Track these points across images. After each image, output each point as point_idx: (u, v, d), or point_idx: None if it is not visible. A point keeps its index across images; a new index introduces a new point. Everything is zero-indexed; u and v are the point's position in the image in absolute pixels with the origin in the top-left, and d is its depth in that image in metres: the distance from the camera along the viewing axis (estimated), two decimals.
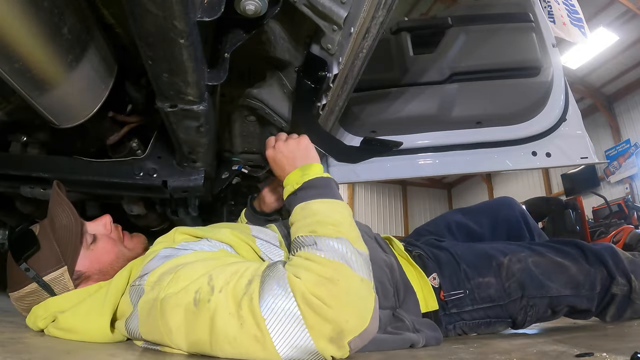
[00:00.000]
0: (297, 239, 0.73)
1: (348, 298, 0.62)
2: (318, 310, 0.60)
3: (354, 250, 0.69)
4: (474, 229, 1.29)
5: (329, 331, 0.60)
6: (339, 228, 0.71)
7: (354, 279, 0.65)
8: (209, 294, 0.63)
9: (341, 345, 0.61)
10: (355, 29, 0.87)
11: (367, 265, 0.69)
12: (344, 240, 0.69)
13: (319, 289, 0.61)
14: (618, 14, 7.51)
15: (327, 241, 0.68)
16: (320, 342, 0.60)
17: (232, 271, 0.66)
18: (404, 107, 1.82)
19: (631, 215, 6.07)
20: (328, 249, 0.67)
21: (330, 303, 0.60)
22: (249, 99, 1.24)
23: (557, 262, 1.01)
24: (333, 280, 0.62)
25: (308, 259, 0.66)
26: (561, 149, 1.79)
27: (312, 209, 0.77)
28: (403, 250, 1.02)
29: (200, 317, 0.62)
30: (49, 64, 0.71)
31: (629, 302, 1.04)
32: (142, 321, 0.68)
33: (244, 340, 0.60)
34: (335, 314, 0.60)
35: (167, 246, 0.80)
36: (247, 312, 0.60)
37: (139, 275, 0.74)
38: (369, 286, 0.67)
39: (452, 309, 0.96)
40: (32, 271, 0.78)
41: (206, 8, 0.65)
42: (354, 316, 0.62)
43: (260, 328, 0.59)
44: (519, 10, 1.92)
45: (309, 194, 0.81)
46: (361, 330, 0.62)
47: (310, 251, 0.68)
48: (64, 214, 0.82)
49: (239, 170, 1.40)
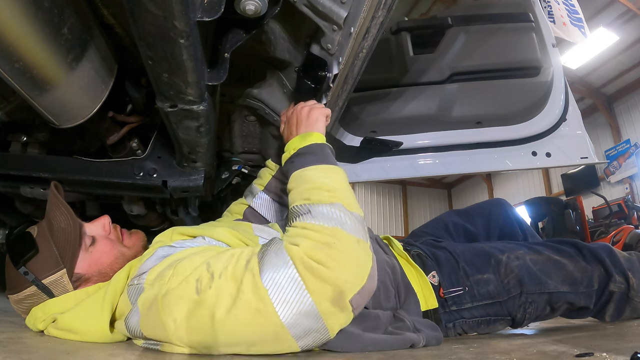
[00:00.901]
0: (292, 209, 0.75)
1: (345, 258, 0.64)
2: (318, 273, 0.62)
3: (349, 213, 0.71)
4: (469, 229, 1.31)
5: (330, 293, 0.62)
6: (332, 193, 0.73)
7: (350, 240, 0.67)
8: (209, 281, 0.64)
9: (343, 305, 0.63)
10: (355, 29, 0.87)
11: (362, 227, 0.71)
12: (337, 205, 0.71)
13: (317, 253, 0.63)
14: (618, 14, 7.51)
15: (321, 208, 0.70)
16: (323, 304, 0.61)
17: (229, 255, 0.68)
18: (404, 107, 1.82)
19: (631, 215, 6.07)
20: (322, 216, 0.69)
21: (328, 264, 0.62)
22: (249, 99, 1.24)
23: (555, 259, 1.02)
24: (329, 244, 0.65)
25: (304, 228, 0.68)
26: (561, 149, 1.78)
27: (306, 175, 0.79)
28: (402, 250, 1.03)
29: (203, 304, 0.63)
30: (49, 63, 0.71)
31: (627, 300, 1.04)
32: (143, 318, 0.68)
33: (246, 315, 0.61)
34: (334, 274, 0.62)
35: (163, 245, 0.81)
36: (248, 288, 0.61)
37: (137, 274, 0.74)
38: (366, 246, 0.69)
39: (452, 307, 0.96)
40: (31, 274, 0.77)
41: (206, 8, 0.65)
42: (352, 275, 0.64)
43: (263, 300, 0.60)
44: (519, 10, 1.92)
45: (304, 160, 0.83)
46: (360, 287, 0.64)
47: (305, 220, 0.70)
48: (62, 217, 0.82)
49: (239, 170, 1.40)
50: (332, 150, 0.90)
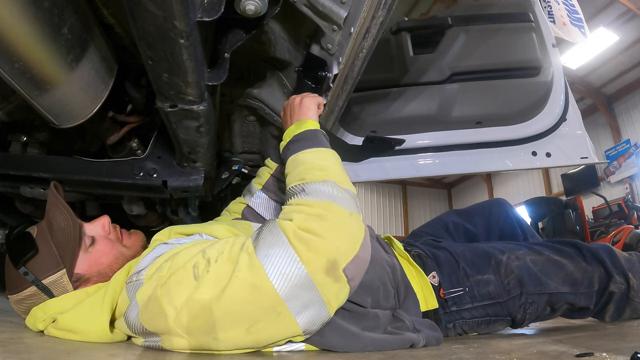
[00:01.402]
0: (288, 191, 0.78)
1: (337, 228, 0.67)
2: (310, 243, 0.64)
3: (341, 189, 0.73)
4: (469, 229, 1.30)
5: (323, 262, 0.64)
6: (325, 172, 0.76)
7: (343, 213, 0.69)
8: (206, 266, 0.66)
9: (337, 275, 0.65)
10: (355, 29, 0.87)
11: (354, 202, 0.74)
12: (330, 182, 0.74)
13: (309, 224, 0.66)
14: (618, 14, 7.51)
15: (314, 185, 0.73)
16: (317, 275, 0.63)
17: (224, 242, 0.71)
18: (404, 107, 1.82)
19: (631, 215, 6.07)
20: (315, 192, 0.72)
21: (320, 234, 0.65)
22: (249, 99, 1.24)
23: (555, 260, 1.02)
24: (322, 216, 0.67)
25: (298, 204, 0.71)
26: (561, 149, 1.78)
27: (301, 159, 0.83)
28: (403, 250, 1.03)
29: (201, 288, 0.64)
30: (49, 63, 0.71)
31: (627, 301, 1.04)
32: (142, 310, 0.69)
33: (243, 292, 0.62)
34: (326, 243, 0.64)
35: (161, 243, 0.83)
36: (244, 266, 0.63)
37: (135, 271, 0.76)
38: (358, 219, 0.71)
39: (452, 307, 0.96)
40: (31, 275, 0.77)
41: (206, 8, 0.65)
42: (344, 243, 0.66)
43: (259, 275, 0.62)
44: (519, 10, 1.92)
45: (299, 145, 0.87)
46: (353, 255, 0.67)
47: (299, 197, 0.73)
48: (61, 217, 0.82)
49: (239, 170, 1.40)
50: (326, 135, 0.94)
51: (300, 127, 0.92)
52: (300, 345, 0.74)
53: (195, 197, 1.39)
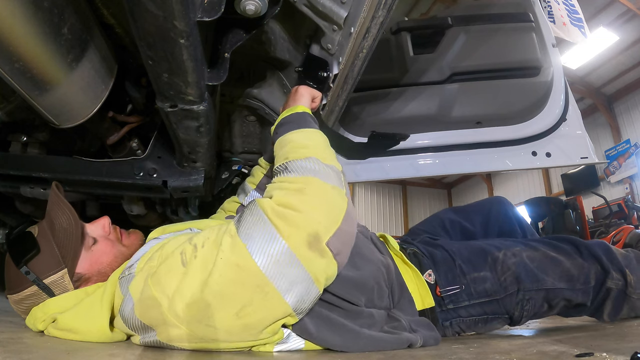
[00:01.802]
0: (274, 171, 0.78)
1: (317, 201, 0.67)
2: (289, 218, 0.64)
3: (323, 165, 0.74)
4: (466, 226, 1.30)
5: (304, 236, 0.63)
6: (308, 150, 0.77)
7: (324, 186, 0.69)
8: (193, 252, 0.66)
9: (321, 248, 0.64)
10: (355, 29, 0.87)
11: (337, 177, 0.74)
12: (312, 159, 0.74)
13: (288, 199, 0.66)
14: (618, 14, 7.51)
15: (296, 163, 0.74)
16: (300, 249, 0.63)
17: (209, 229, 0.72)
18: (404, 107, 1.82)
19: (631, 215, 6.06)
20: (297, 169, 0.72)
21: (299, 208, 0.65)
22: (249, 99, 1.24)
23: (551, 256, 1.02)
24: (301, 190, 0.67)
25: (280, 181, 0.72)
26: (561, 149, 1.78)
27: (286, 139, 0.84)
28: (398, 250, 1.03)
29: (190, 274, 0.64)
30: (49, 63, 0.71)
31: (625, 297, 1.04)
32: (137, 303, 0.69)
33: (228, 273, 0.62)
34: (306, 217, 0.64)
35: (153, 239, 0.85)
36: (227, 247, 0.64)
37: (127, 266, 0.77)
38: (341, 192, 0.71)
39: (449, 305, 0.96)
40: (32, 274, 0.77)
41: (206, 8, 0.65)
42: (324, 216, 0.66)
43: (242, 254, 0.62)
44: (519, 10, 1.92)
45: (286, 128, 0.88)
46: (335, 228, 0.66)
47: (282, 175, 0.73)
48: (63, 216, 0.82)
49: (239, 170, 1.40)
50: (314, 117, 0.94)
51: (289, 112, 0.93)
52: (299, 344, 0.74)
53: (195, 197, 1.39)
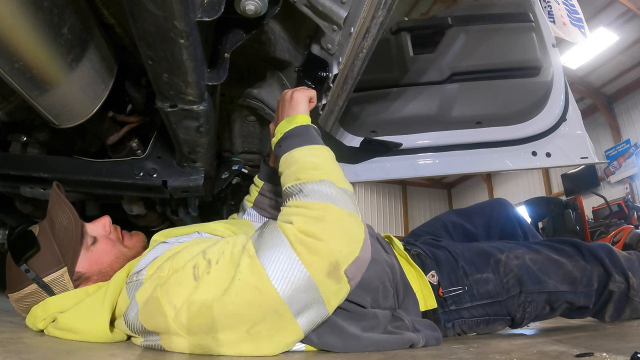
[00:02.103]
0: (285, 191, 0.77)
1: (337, 230, 0.67)
2: (312, 247, 0.64)
3: (338, 189, 0.73)
4: (469, 228, 1.30)
5: (325, 265, 0.64)
6: (320, 171, 0.76)
7: (341, 213, 0.69)
8: (207, 267, 0.66)
9: (339, 276, 0.65)
10: (355, 29, 0.87)
11: (352, 201, 0.74)
12: (326, 182, 0.73)
13: (310, 227, 0.66)
14: (618, 14, 7.51)
15: (311, 186, 0.73)
16: (319, 277, 0.64)
17: (224, 242, 0.71)
18: (404, 107, 1.82)
19: (631, 215, 6.06)
20: (313, 193, 0.71)
21: (321, 237, 0.65)
22: (249, 99, 1.24)
23: (554, 259, 1.02)
24: (321, 218, 0.67)
25: (297, 206, 0.71)
26: (561, 149, 1.78)
27: (294, 157, 0.81)
28: (402, 250, 1.03)
29: (202, 289, 0.64)
30: (49, 63, 0.71)
31: (627, 300, 1.04)
32: (142, 309, 0.69)
33: (245, 294, 0.63)
34: (328, 246, 0.65)
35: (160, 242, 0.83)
36: (246, 269, 0.64)
37: (135, 271, 0.76)
38: (357, 219, 0.71)
39: (451, 306, 0.96)
40: (32, 272, 0.78)
41: (206, 8, 0.65)
42: (345, 245, 0.66)
43: (261, 278, 0.62)
44: (519, 10, 1.92)
45: (290, 143, 0.85)
46: (354, 257, 0.67)
47: (297, 198, 0.72)
48: (64, 215, 0.82)
49: (239, 170, 1.40)
50: (317, 130, 0.92)
51: (291, 123, 0.90)
52: (300, 347, 0.74)
53: (195, 197, 1.39)
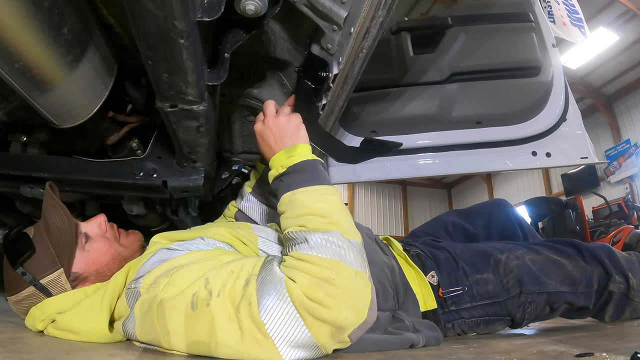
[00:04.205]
0: (287, 235, 0.73)
1: (344, 295, 0.63)
2: (317, 314, 0.61)
3: (346, 241, 0.68)
4: (469, 229, 1.30)
5: (329, 329, 0.61)
6: (328, 219, 0.71)
7: (349, 273, 0.65)
8: (207, 298, 0.63)
9: (342, 339, 0.63)
10: (355, 29, 0.87)
11: (360, 255, 0.69)
12: (334, 234, 0.68)
13: (315, 292, 0.61)
14: (618, 14, 7.51)
15: (317, 237, 0.68)
16: (322, 339, 0.61)
17: (228, 271, 0.66)
18: (404, 107, 1.82)
19: (631, 215, 6.06)
20: (320, 247, 0.66)
21: (327, 304, 0.61)
22: (249, 99, 1.24)
23: (554, 259, 1.02)
24: (328, 280, 0.63)
25: (301, 259, 0.66)
26: (561, 149, 1.78)
27: (299, 199, 0.75)
28: (402, 251, 1.03)
29: (199, 320, 0.62)
30: (49, 63, 0.71)
31: (627, 301, 1.04)
32: (139, 323, 0.68)
33: (247, 344, 0.61)
34: (333, 314, 0.61)
35: (162, 247, 0.80)
36: (246, 317, 0.61)
37: (135, 277, 0.74)
38: (364, 277, 0.67)
39: (451, 306, 0.96)
40: (28, 275, 0.78)
41: (206, 8, 0.65)
42: (351, 312, 0.63)
43: (262, 332, 0.60)
44: (519, 10, 1.92)
45: (294, 180, 0.79)
46: (360, 322, 0.64)
47: (302, 251, 0.67)
48: (57, 216, 0.82)
49: (239, 170, 1.40)
50: (324, 164, 0.85)
51: (293, 156, 0.82)
52: None
53: (195, 197, 1.39)
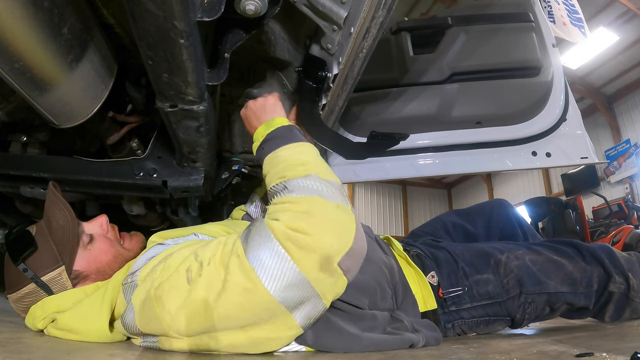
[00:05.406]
0: (270, 190, 0.76)
1: (326, 224, 0.65)
2: (300, 242, 0.62)
3: (324, 181, 0.72)
4: (469, 229, 1.30)
5: (316, 259, 0.62)
6: (305, 167, 0.75)
7: (329, 206, 0.68)
8: (199, 270, 0.65)
9: (332, 269, 0.64)
10: (355, 29, 0.87)
11: (340, 193, 0.72)
12: (312, 177, 0.72)
13: (297, 222, 0.64)
14: (618, 14, 7.51)
15: (296, 182, 0.72)
16: (312, 273, 0.62)
17: (216, 243, 0.70)
18: (404, 107, 1.82)
19: (631, 215, 6.06)
20: (298, 188, 0.70)
21: (309, 231, 0.63)
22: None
23: (554, 259, 1.02)
24: (308, 212, 0.65)
25: (283, 202, 0.69)
26: (561, 149, 1.78)
27: (279, 157, 0.81)
28: (402, 251, 1.03)
29: (195, 293, 0.63)
30: (49, 63, 0.71)
31: (627, 301, 1.04)
32: (138, 313, 0.68)
33: (236, 297, 0.62)
34: (317, 240, 0.63)
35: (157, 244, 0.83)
36: (235, 270, 0.62)
37: (130, 272, 0.76)
38: (346, 210, 0.69)
39: (451, 307, 0.96)
40: (30, 271, 0.78)
41: (206, 8, 0.65)
42: (335, 238, 0.64)
43: (251, 279, 0.61)
44: (519, 10, 1.92)
45: (273, 144, 0.84)
46: (347, 249, 0.65)
47: (283, 195, 0.71)
48: (60, 214, 0.82)
49: (239, 170, 1.40)
50: (299, 129, 0.92)
51: (271, 126, 0.89)
52: (300, 348, 0.74)
53: (195, 197, 1.39)
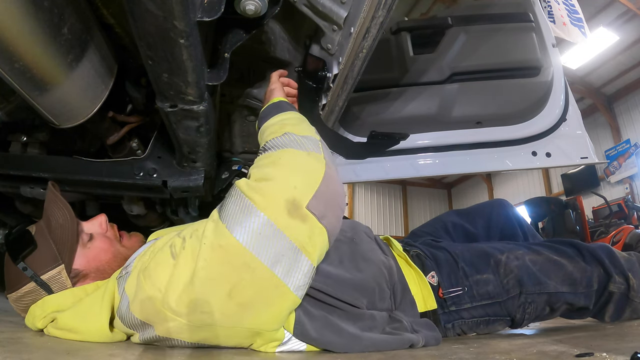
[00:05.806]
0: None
1: (291, 168, 0.66)
2: (264, 190, 0.63)
3: (299, 137, 0.73)
4: (469, 229, 1.30)
5: (282, 204, 0.62)
6: (281, 126, 0.77)
7: (299, 154, 0.69)
8: (182, 244, 0.66)
9: (302, 213, 0.63)
10: (355, 29, 0.87)
11: (314, 144, 0.73)
12: (288, 134, 0.74)
13: (261, 173, 0.66)
14: (618, 14, 7.51)
15: (272, 141, 0.74)
16: (280, 219, 0.61)
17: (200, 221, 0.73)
18: (404, 107, 1.82)
19: (631, 215, 6.06)
20: (273, 146, 0.73)
21: (272, 177, 0.64)
22: (249, 99, 1.24)
23: (554, 259, 1.02)
24: (275, 162, 0.67)
25: (257, 161, 0.72)
26: (561, 149, 1.78)
27: (265, 127, 0.85)
28: (401, 251, 1.03)
29: (181, 265, 0.64)
30: (49, 63, 0.71)
31: (627, 301, 1.04)
32: (132, 300, 0.69)
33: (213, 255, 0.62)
34: (280, 184, 0.63)
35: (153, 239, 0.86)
36: (210, 232, 0.64)
37: (125, 266, 0.79)
38: (318, 157, 0.70)
39: (451, 307, 0.96)
40: (29, 270, 0.78)
41: (206, 8, 0.65)
42: (300, 180, 0.64)
43: (223, 234, 0.62)
44: (519, 10, 1.92)
45: (264, 119, 0.88)
46: (313, 191, 0.64)
47: (259, 155, 0.74)
48: (60, 213, 0.82)
49: (239, 170, 1.40)
50: (292, 105, 0.93)
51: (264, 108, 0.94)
52: (301, 347, 0.74)
53: (195, 197, 1.39)
